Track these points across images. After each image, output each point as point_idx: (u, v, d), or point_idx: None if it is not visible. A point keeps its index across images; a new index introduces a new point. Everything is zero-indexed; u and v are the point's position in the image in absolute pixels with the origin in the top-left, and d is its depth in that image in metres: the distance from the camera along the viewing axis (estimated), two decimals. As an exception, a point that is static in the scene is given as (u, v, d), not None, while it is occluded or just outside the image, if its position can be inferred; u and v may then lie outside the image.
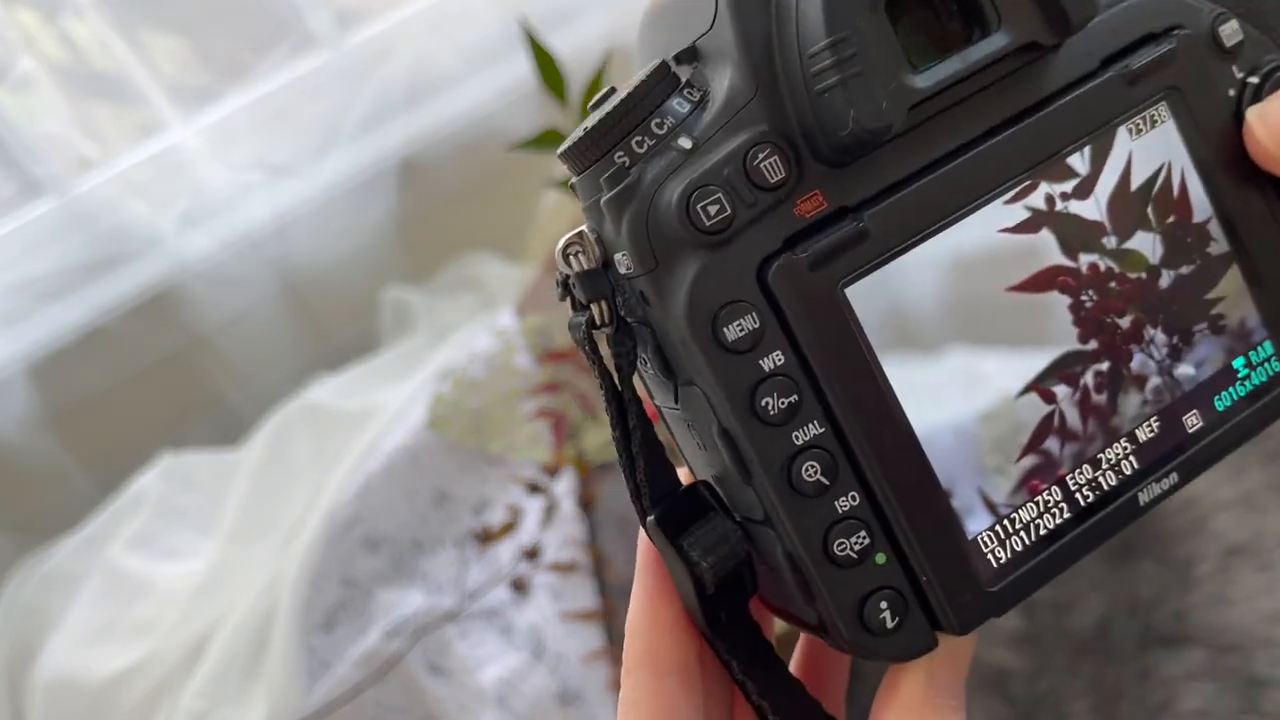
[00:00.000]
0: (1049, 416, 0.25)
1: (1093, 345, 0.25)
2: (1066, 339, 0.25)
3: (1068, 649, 0.58)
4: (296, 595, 0.91)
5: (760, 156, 0.22)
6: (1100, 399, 0.25)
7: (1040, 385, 0.25)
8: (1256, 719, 0.54)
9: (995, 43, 0.23)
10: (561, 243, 0.24)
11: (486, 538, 0.82)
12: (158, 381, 1.26)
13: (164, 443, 1.20)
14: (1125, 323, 0.26)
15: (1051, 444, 0.25)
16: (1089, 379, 0.25)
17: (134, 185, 1.21)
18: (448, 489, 0.99)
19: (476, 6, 1.26)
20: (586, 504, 0.91)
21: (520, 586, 0.86)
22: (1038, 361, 0.25)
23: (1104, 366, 0.25)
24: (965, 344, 0.26)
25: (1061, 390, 0.25)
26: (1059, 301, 0.25)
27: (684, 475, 0.27)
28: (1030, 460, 0.25)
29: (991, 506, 0.25)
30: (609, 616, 0.85)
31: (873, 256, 0.23)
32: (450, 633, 0.87)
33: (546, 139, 0.70)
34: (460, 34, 1.27)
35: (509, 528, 0.81)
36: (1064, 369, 0.25)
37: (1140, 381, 0.26)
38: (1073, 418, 0.25)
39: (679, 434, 0.26)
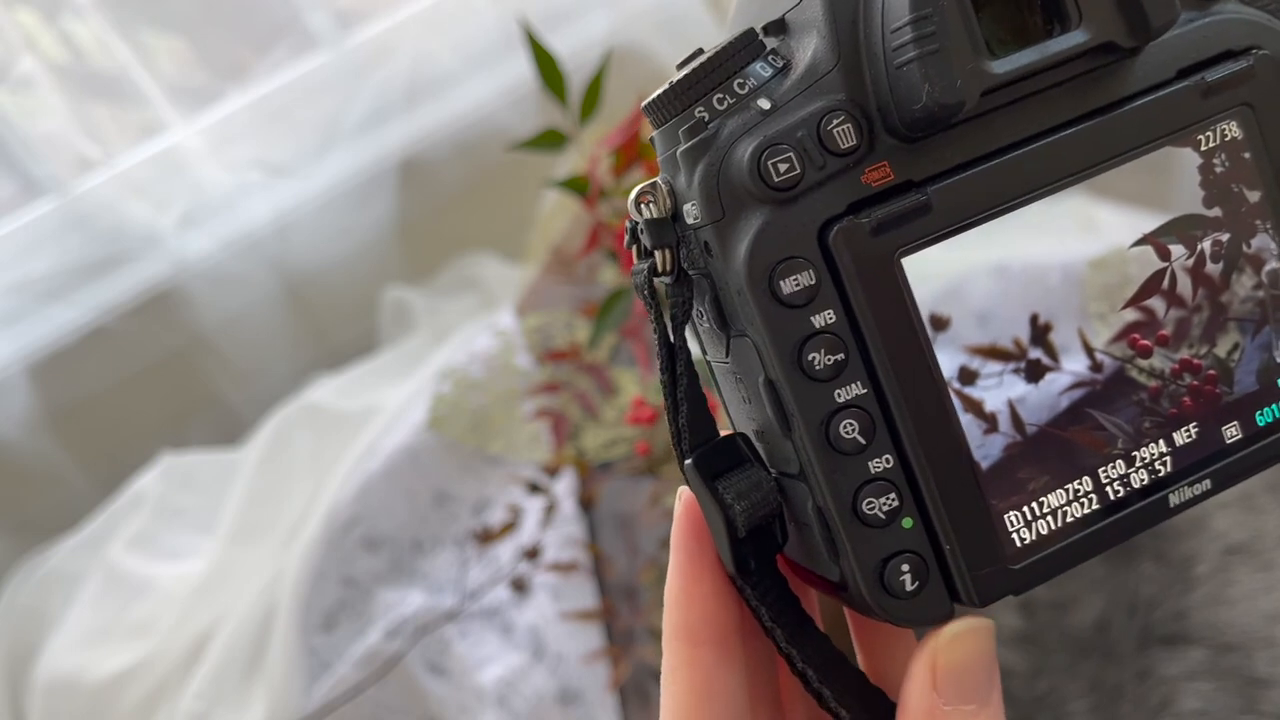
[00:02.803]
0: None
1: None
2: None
3: (1067, 649, 0.58)
4: (296, 595, 0.91)
5: (834, 122, 0.23)
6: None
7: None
8: (1256, 719, 0.54)
9: (1074, 39, 0.24)
10: (635, 191, 0.25)
11: (486, 538, 0.82)
12: (158, 381, 1.26)
13: (164, 443, 1.20)
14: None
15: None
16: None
17: (134, 185, 1.21)
18: (448, 489, 0.99)
19: (476, 6, 1.26)
20: (586, 504, 0.91)
21: (520, 586, 0.86)
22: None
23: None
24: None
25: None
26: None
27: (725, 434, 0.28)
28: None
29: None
30: (609, 616, 0.85)
31: (932, 230, 0.23)
32: (450, 632, 0.87)
33: (546, 139, 0.70)
34: (460, 34, 1.26)
35: (509, 528, 0.81)
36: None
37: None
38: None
39: (725, 389, 0.27)
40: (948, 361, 0.24)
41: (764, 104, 0.23)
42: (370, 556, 0.95)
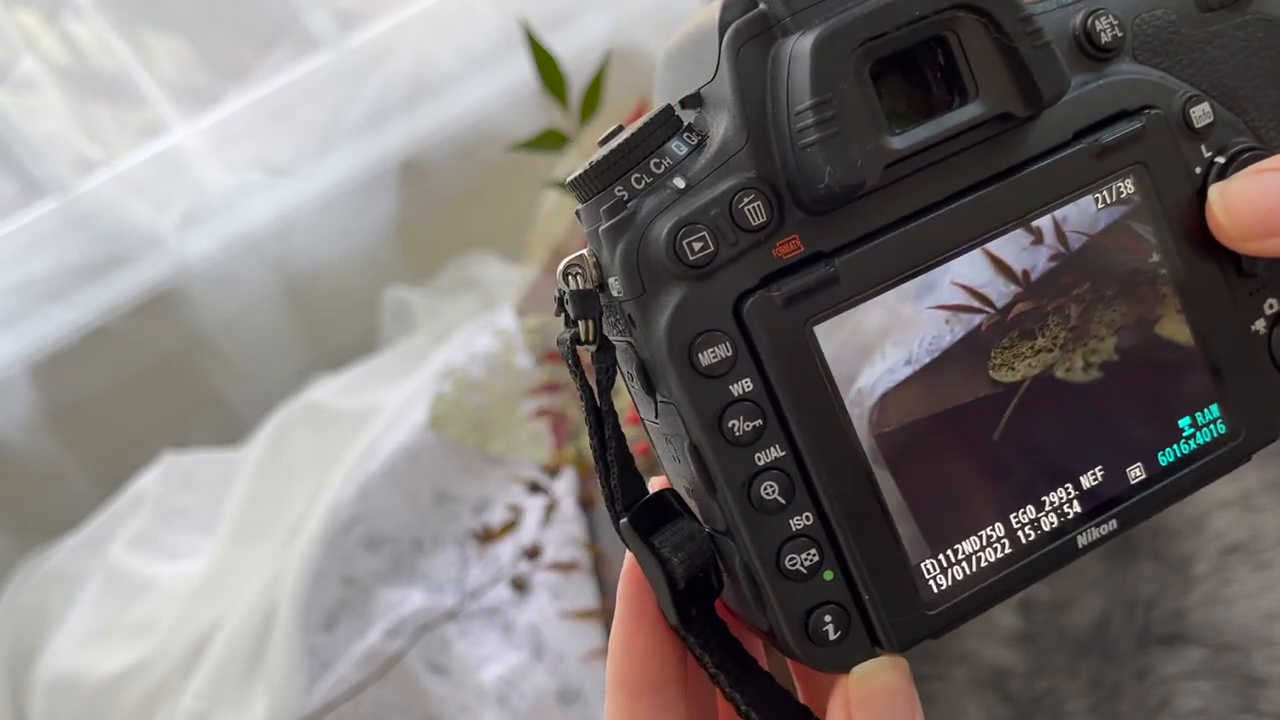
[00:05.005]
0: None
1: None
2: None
3: (1066, 648, 0.58)
4: (297, 595, 0.92)
5: (745, 200, 0.24)
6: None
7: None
8: (1255, 718, 0.54)
9: (970, 111, 0.25)
10: (564, 263, 0.26)
11: (487, 537, 0.82)
12: (158, 381, 1.26)
13: (164, 443, 1.20)
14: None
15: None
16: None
17: (134, 185, 1.21)
18: (448, 489, 0.99)
19: (476, 7, 1.27)
20: (586, 504, 0.91)
21: (520, 586, 0.86)
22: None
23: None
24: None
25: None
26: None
27: (661, 482, 0.29)
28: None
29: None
30: (609, 616, 0.85)
31: (840, 299, 0.25)
32: (450, 631, 0.87)
33: (547, 139, 0.70)
34: (460, 34, 1.27)
35: (509, 527, 0.81)
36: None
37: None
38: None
39: (659, 446, 0.28)
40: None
41: (679, 183, 0.25)
42: (370, 556, 0.95)
